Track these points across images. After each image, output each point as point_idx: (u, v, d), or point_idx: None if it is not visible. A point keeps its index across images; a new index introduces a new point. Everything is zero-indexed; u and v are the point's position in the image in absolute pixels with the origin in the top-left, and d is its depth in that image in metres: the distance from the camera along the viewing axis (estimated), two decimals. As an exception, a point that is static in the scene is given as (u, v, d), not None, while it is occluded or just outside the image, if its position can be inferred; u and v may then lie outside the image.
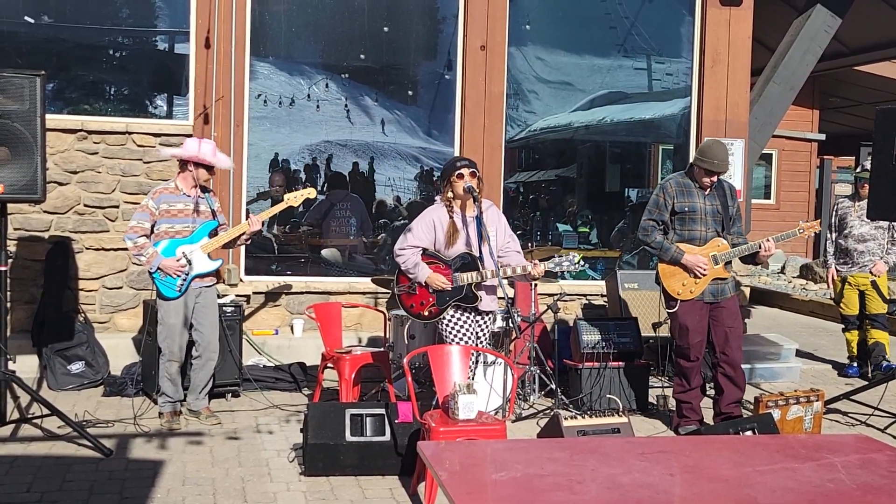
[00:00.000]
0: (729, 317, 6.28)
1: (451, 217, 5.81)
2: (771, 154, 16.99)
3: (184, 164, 6.24)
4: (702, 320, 6.28)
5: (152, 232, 6.17)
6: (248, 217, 7.31)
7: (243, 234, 6.35)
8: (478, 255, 5.81)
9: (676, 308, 6.28)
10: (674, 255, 6.20)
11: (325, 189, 9.03)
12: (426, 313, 5.86)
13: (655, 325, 7.83)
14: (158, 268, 6.08)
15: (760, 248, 6.10)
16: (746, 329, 9.31)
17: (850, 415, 6.97)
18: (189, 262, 6.16)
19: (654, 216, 6.31)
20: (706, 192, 6.26)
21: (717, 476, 2.96)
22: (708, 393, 6.81)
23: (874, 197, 6.57)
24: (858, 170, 8.65)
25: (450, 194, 5.80)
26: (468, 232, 5.84)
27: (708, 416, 6.54)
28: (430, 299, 5.82)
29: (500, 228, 5.98)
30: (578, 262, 6.04)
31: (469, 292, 5.79)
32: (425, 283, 5.78)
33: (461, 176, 5.71)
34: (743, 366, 7.94)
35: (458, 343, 5.77)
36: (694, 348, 6.29)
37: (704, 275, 6.17)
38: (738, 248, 6.17)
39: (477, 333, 5.93)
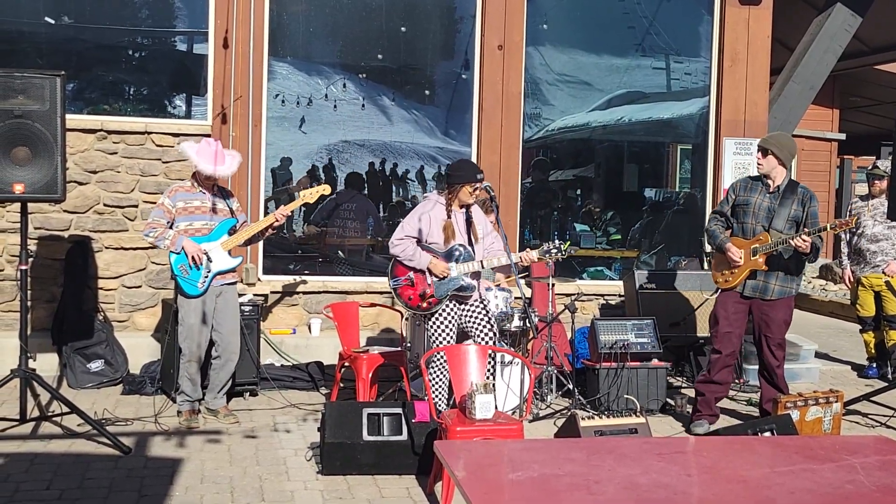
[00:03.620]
0: (767, 322, 6.27)
1: (448, 216, 5.91)
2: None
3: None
4: (736, 314, 6.33)
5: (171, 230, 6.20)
6: (265, 214, 7.34)
7: (269, 226, 6.40)
8: (470, 247, 5.94)
9: (716, 295, 6.54)
10: (719, 242, 6.39)
11: (341, 188, 9.04)
12: (424, 304, 5.89)
13: (673, 325, 7.81)
14: (182, 249, 6.08)
15: (793, 241, 6.06)
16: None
17: (869, 416, 6.93)
18: (209, 259, 6.19)
19: (718, 209, 6.61)
20: (770, 191, 6.30)
21: (736, 477, 2.95)
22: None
23: (894, 196, 6.55)
24: (871, 167, 8.58)
25: (458, 197, 5.87)
26: (459, 230, 5.95)
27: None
28: (429, 290, 5.85)
29: (485, 226, 6.11)
30: (567, 249, 6.06)
31: (467, 282, 5.82)
32: (427, 269, 5.83)
33: (476, 189, 5.85)
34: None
35: (440, 335, 5.84)
36: (720, 338, 6.34)
37: (737, 264, 6.24)
38: (773, 241, 6.16)
39: (470, 322, 5.94)
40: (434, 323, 5.91)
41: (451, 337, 5.90)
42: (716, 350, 6.38)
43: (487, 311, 6.03)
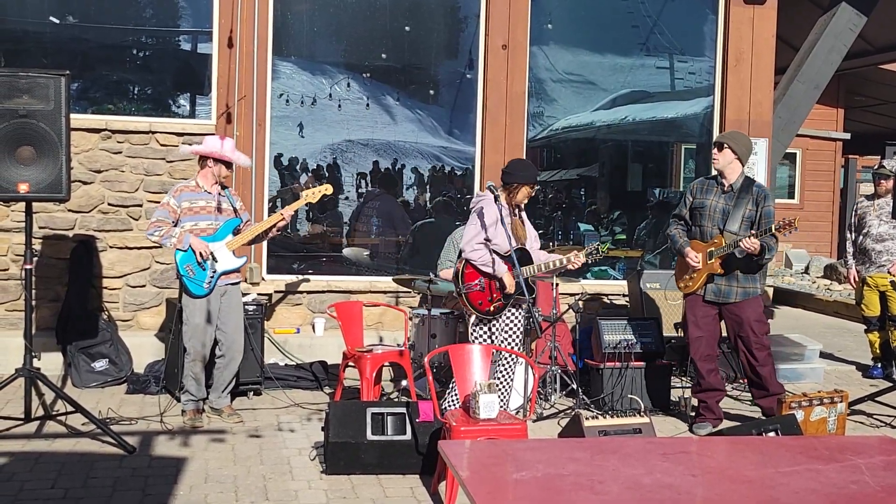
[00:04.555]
0: (738, 324, 6.30)
1: (513, 215, 6.00)
2: (795, 153, 16.84)
3: (204, 160, 6.28)
4: (705, 318, 6.36)
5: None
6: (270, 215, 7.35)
7: (274, 225, 6.42)
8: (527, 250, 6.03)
9: (683, 301, 6.58)
10: (678, 247, 6.43)
11: (374, 187, 9.05)
12: (492, 308, 5.94)
13: (677, 325, 7.80)
14: (189, 246, 6.10)
15: (741, 243, 6.05)
16: (769, 330, 9.24)
17: (874, 416, 6.91)
18: (215, 259, 6.20)
19: (677, 212, 6.61)
20: (725, 192, 6.30)
21: (740, 477, 2.95)
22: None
23: (899, 196, 6.56)
24: (876, 166, 8.56)
25: (513, 196, 5.97)
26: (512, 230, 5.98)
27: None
28: (496, 294, 5.91)
29: (533, 231, 6.23)
30: (605, 250, 6.13)
31: (528, 285, 5.85)
32: (500, 279, 5.88)
33: (533, 190, 6.02)
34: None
35: (513, 337, 5.97)
36: (693, 343, 6.41)
37: (696, 268, 6.27)
38: (726, 245, 6.16)
39: (502, 325, 6.07)
40: (484, 328, 5.97)
41: (519, 339, 6.03)
42: (693, 356, 6.44)
43: (521, 321, 6.11)
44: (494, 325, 6.00)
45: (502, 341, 6.02)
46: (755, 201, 6.24)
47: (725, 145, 6.28)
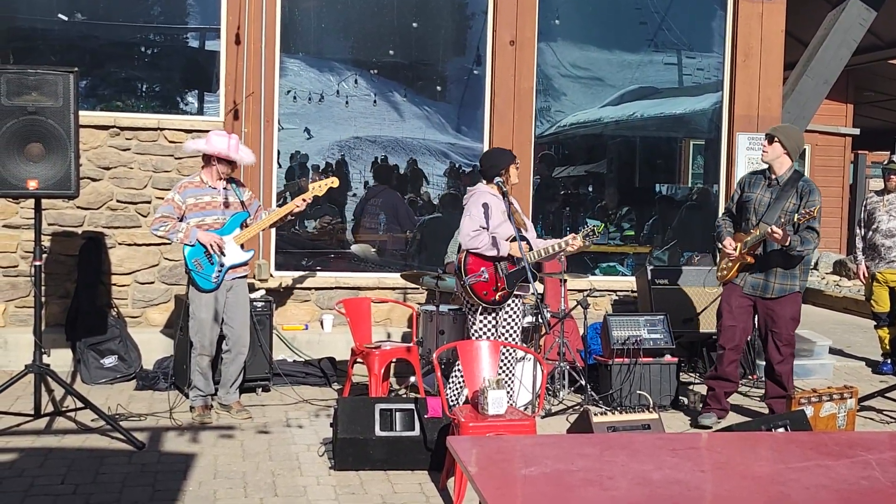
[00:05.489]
0: (772, 319, 6.29)
1: (508, 203, 5.98)
2: (804, 149, 16.77)
3: (208, 157, 6.28)
4: (739, 308, 6.37)
5: (180, 226, 6.23)
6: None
7: (284, 216, 6.49)
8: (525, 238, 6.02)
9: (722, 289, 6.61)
10: (717, 235, 6.54)
11: (372, 182, 9.05)
12: (497, 297, 5.93)
13: (686, 321, 7.78)
14: (197, 241, 6.12)
15: (767, 232, 6.07)
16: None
17: (884, 412, 6.89)
18: (223, 253, 6.21)
19: (727, 206, 6.74)
20: (771, 185, 6.32)
21: (749, 473, 2.94)
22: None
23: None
24: (885, 162, 8.53)
25: (506, 181, 6.00)
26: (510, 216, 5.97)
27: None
28: (500, 283, 5.91)
29: (525, 218, 6.24)
30: (601, 231, 6.15)
31: (531, 270, 5.83)
32: (509, 253, 5.89)
33: (517, 167, 6.07)
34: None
35: (514, 329, 5.97)
36: (725, 332, 6.40)
37: (731, 257, 6.35)
38: (756, 235, 6.17)
39: (503, 317, 6.07)
40: (485, 317, 5.97)
41: (518, 333, 6.03)
42: (721, 345, 6.42)
43: (521, 312, 6.11)
44: (499, 317, 5.99)
45: (502, 335, 6.02)
46: (799, 195, 6.21)
47: (776, 139, 6.28)
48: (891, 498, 2.70)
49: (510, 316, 6.06)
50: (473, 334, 5.98)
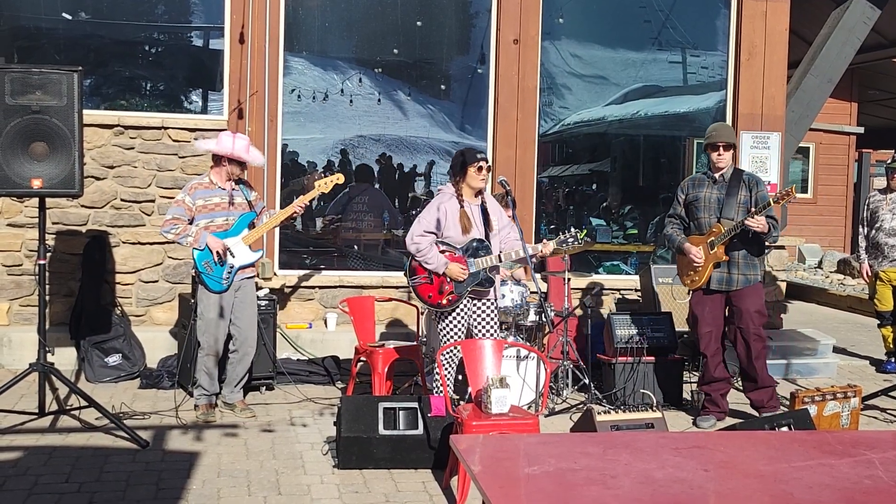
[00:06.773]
0: (739, 314, 6.32)
1: (461, 206, 5.82)
2: (808, 148, 16.75)
3: (218, 158, 6.29)
4: (713, 311, 6.40)
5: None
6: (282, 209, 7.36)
7: (289, 216, 6.51)
8: (487, 241, 5.86)
9: (689, 299, 6.58)
10: (677, 245, 6.48)
11: (353, 181, 9.04)
12: (444, 301, 5.84)
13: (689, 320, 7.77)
14: (206, 246, 6.13)
15: (746, 222, 6.08)
16: (782, 324, 9.22)
17: (888, 411, 6.88)
18: (232, 255, 6.22)
19: (671, 212, 6.67)
20: (717, 182, 6.39)
21: (753, 472, 2.94)
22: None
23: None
24: (889, 160, 8.51)
25: (465, 184, 5.81)
26: (475, 221, 5.86)
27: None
28: (448, 287, 5.81)
29: (501, 218, 6.02)
30: (583, 238, 6.07)
31: (485, 277, 5.79)
32: (444, 273, 5.77)
33: (480, 169, 5.76)
34: (779, 361, 7.93)
35: (448, 334, 5.82)
36: (703, 339, 6.43)
37: (698, 262, 6.31)
38: (727, 230, 6.20)
39: (477, 320, 5.92)
40: (445, 321, 5.88)
41: (460, 336, 5.88)
42: (702, 351, 6.47)
43: (495, 311, 6.00)
44: (470, 322, 5.89)
45: (442, 336, 5.90)
46: (748, 188, 6.34)
47: (732, 146, 6.46)
48: (894, 497, 2.69)
49: (484, 320, 5.92)
50: (441, 340, 5.89)
